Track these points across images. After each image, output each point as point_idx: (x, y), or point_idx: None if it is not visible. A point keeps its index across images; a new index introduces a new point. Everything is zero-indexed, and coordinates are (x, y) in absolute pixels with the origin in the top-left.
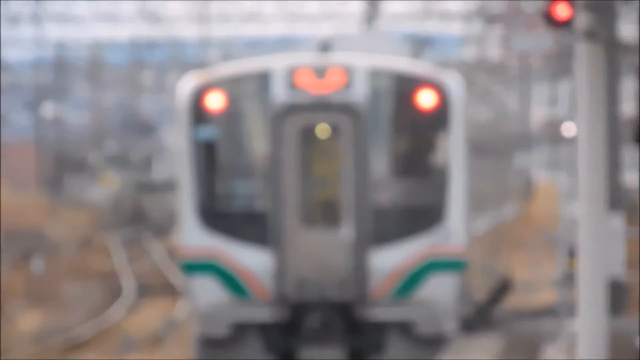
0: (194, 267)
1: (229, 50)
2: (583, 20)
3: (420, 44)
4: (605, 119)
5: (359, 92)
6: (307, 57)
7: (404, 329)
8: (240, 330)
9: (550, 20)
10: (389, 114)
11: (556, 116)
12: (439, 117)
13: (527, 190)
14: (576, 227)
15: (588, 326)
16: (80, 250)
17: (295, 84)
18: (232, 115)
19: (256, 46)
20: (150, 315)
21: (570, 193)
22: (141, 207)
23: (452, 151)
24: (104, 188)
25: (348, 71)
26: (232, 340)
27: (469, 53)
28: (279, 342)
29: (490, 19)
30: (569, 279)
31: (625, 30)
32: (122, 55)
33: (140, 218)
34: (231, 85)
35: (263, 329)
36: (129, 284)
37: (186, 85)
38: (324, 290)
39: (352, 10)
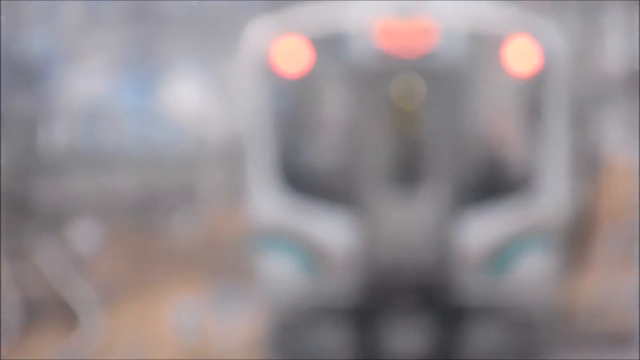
0: (268, 241)
1: None
2: None
3: None
4: None
5: (452, 54)
6: (392, 6)
7: (496, 312)
8: (317, 312)
9: None
10: (483, 75)
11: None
12: (540, 77)
13: (594, 167)
14: None
15: None
16: None
17: (378, 44)
18: (308, 77)
19: None
20: (41, 351)
21: None
22: (25, 194)
23: (552, 112)
24: None
25: (439, 29)
26: (307, 323)
27: None
28: (359, 324)
29: None
30: None
31: None
32: None
33: (25, 211)
34: (306, 43)
35: (341, 311)
36: (9, 307)
37: (257, 42)
38: (410, 266)
39: None
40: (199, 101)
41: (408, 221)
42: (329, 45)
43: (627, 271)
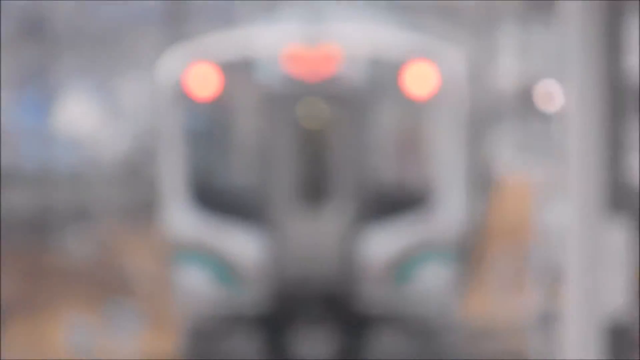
0: (181, 255)
1: None
2: None
3: None
4: (604, 81)
5: (354, 77)
6: (298, 33)
7: (397, 320)
8: (229, 321)
9: None
10: (384, 97)
11: (533, 76)
12: (438, 98)
13: (486, 185)
14: (561, 240)
15: None
16: None
17: (286, 69)
18: (219, 100)
19: None
20: None
21: (553, 191)
22: None
23: (449, 131)
24: None
25: (343, 54)
26: (219, 332)
27: None
28: (268, 332)
29: None
30: (548, 320)
31: None
32: None
33: None
34: (217, 68)
35: (252, 320)
36: None
37: (171, 68)
38: (316, 277)
39: None
40: (93, 120)
41: (314, 235)
42: (238, 70)
43: (518, 288)
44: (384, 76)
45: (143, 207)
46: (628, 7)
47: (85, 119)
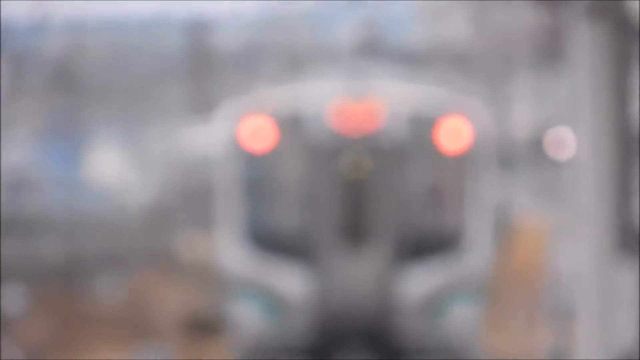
0: (235, 291)
1: (76, 35)
2: None
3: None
4: (612, 128)
5: (394, 133)
6: (343, 89)
7: (431, 353)
8: (277, 352)
9: None
10: (421, 151)
11: (545, 123)
12: (470, 153)
13: (502, 232)
14: (573, 281)
15: None
16: None
17: (332, 125)
18: (271, 152)
19: (115, 30)
20: None
21: (563, 233)
22: None
23: (478, 183)
24: None
25: (384, 112)
26: None
27: (424, 33)
28: None
29: None
30: (561, 355)
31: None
32: None
33: None
34: (270, 124)
35: (299, 351)
36: None
37: (227, 123)
38: (357, 312)
39: None
40: (121, 169)
41: (355, 274)
42: (289, 124)
43: (533, 326)
44: (420, 131)
45: (169, 252)
46: (633, 57)
47: (113, 168)
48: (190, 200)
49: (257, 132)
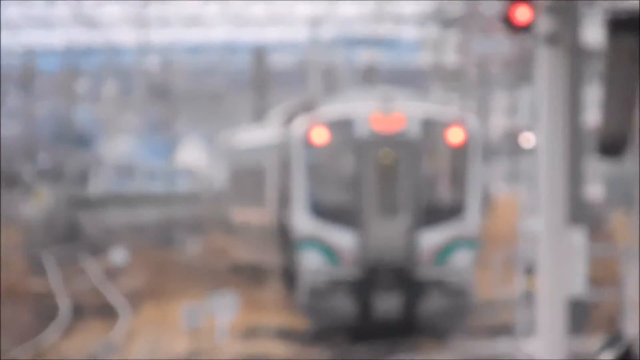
0: (304, 244)
1: (169, 56)
2: (545, 24)
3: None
4: (566, 128)
5: (413, 133)
6: (378, 105)
7: (440, 285)
8: (334, 285)
9: (510, 24)
10: (431, 145)
11: (516, 126)
12: (464, 147)
13: (485, 204)
14: (536, 243)
15: (546, 346)
16: (10, 269)
17: (371, 127)
18: (329, 146)
19: (198, 52)
20: (87, 338)
21: (530, 207)
22: (76, 223)
23: (471, 168)
24: (36, 204)
25: (406, 118)
26: (328, 292)
27: (425, 58)
28: (359, 292)
29: (446, 23)
30: (528, 298)
31: (589, 34)
32: (56, 62)
33: (76, 235)
34: (329, 126)
35: (349, 284)
36: (64, 306)
37: (300, 125)
38: (390, 259)
39: (298, 14)
40: (201, 158)
41: (388, 233)
42: (342, 127)
43: (507, 274)
44: (430, 131)
45: (228, 219)
46: (586, 76)
47: (196, 158)
48: (247, 182)
49: (319, 132)
